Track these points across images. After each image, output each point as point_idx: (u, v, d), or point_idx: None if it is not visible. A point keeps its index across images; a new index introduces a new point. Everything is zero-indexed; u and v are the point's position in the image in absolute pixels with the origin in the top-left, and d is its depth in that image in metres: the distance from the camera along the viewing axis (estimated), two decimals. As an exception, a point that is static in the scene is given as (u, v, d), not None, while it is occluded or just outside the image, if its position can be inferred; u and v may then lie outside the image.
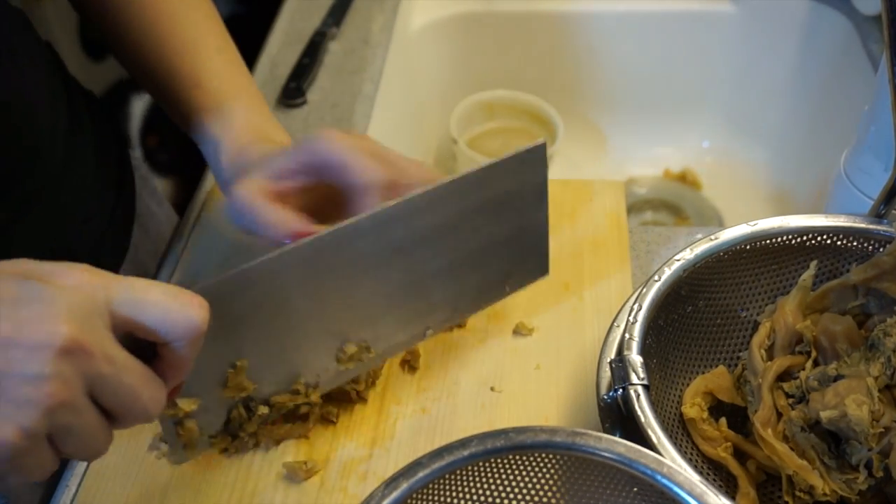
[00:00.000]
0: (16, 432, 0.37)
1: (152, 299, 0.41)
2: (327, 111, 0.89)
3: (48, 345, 0.37)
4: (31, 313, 0.37)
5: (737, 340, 0.59)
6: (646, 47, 1.15)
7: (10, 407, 0.37)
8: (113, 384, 0.40)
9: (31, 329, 0.37)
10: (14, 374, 0.37)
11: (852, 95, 0.96)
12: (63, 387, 0.38)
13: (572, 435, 0.45)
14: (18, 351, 0.37)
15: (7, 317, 0.37)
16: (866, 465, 0.50)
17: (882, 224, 0.57)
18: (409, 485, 0.43)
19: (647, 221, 1.14)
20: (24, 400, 0.37)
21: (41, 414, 0.37)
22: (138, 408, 0.41)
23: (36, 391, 0.37)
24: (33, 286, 0.38)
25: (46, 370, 0.37)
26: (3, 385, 0.37)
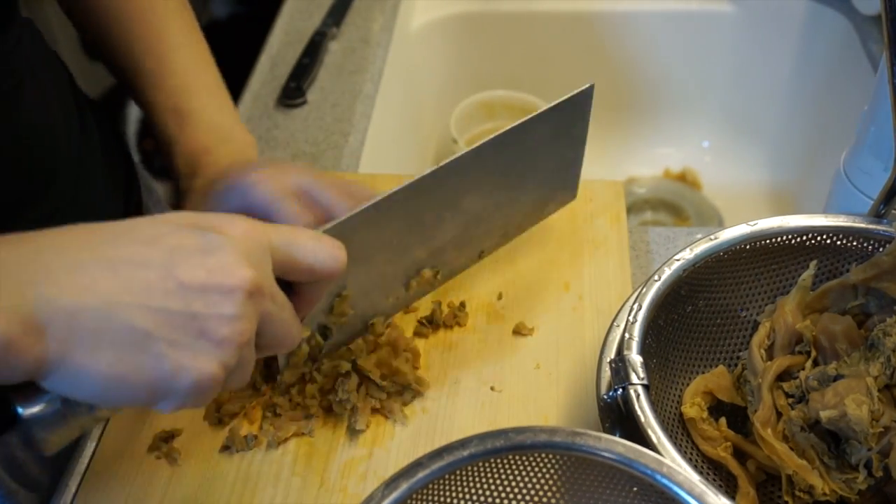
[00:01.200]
0: (219, 368, 0.41)
1: (302, 242, 0.45)
2: (327, 111, 0.89)
3: (239, 288, 0.41)
4: (219, 260, 0.41)
5: (737, 340, 0.59)
6: (646, 47, 1.15)
7: (212, 346, 0.40)
8: (275, 321, 0.44)
9: (222, 274, 0.40)
10: (214, 314, 0.40)
11: (852, 95, 0.96)
12: (250, 325, 0.42)
13: (572, 435, 0.45)
14: (214, 295, 0.40)
15: (198, 264, 0.40)
16: (866, 465, 0.50)
17: (882, 224, 0.57)
18: (408, 485, 0.43)
19: (647, 221, 1.14)
20: (224, 339, 0.40)
21: (236, 350, 0.41)
22: (288, 340, 0.46)
23: (232, 330, 0.40)
24: (213, 236, 0.41)
25: (240, 311, 0.41)
26: (205, 326, 0.40)
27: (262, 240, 0.43)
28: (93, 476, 0.58)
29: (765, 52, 1.11)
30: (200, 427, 0.60)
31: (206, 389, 0.40)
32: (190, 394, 0.40)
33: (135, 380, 0.39)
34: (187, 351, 0.40)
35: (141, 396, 0.40)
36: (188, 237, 0.41)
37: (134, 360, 0.39)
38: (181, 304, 0.40)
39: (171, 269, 0.40)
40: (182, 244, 0.41)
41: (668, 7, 1.12)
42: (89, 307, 0.38)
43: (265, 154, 0.84)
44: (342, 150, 0.84)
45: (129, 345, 0.39)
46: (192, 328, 0.40)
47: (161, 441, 0.59)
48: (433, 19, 1.13)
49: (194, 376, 0.40)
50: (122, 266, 0.39)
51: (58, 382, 0.38)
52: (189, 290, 0.40)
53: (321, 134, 0.87)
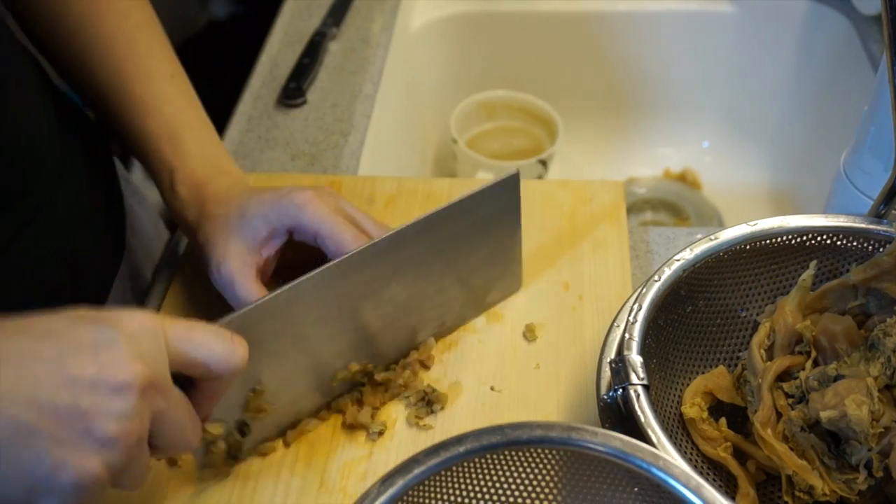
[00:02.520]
0: (102, 467, 0.39)
1: (199, 338, 0.45)
2: (327, 111, 0.89)
3: (129, 385, 0.40)
4: (112, 356, 0.40)
5: (737, 340, 0.59)
6: (646, 47, 1.15)
7: (97, 445, 0.39)
8: (169, 419, 0.43)
9: (113, 369, 0.40)
10: (101, 412, 0.39)
11: (852, 95, 0.96)
12: (140, 424, 0.41)
13: (568, 430, 0.45)
14: (103, 391, 0.39)
15: (90, 360, 0.40)
16: (866, 465, 0.50)
17: (882, 224, 0.57)
18: (404, 482, 0.43)
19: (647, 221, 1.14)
20: (110, 438, 0.39)
21: (123, 450, 0.40)
22: (184, 440, 0.45)
23: (120, 428, 0.40)
24: (107, 330, 0.41)
25: (129, 409, 0.40)
26: (91, 425, 0.39)
27: (157, 334, 0.43)
28: (92, 476, 0.58)
29: (765, 52, 1.11)
30: (200, 427, 0.60)
31: (87, 489, 0.39)
32: (70, 492, 0.39)
33: (13, 474, 0.38)
34: (70, 448, 0.39)
35: (18, 493, 0.39)
36: (82, 332, 0.41)
37: (14, 455, 0.38)
38: (68, 399, 0.39)
39: (62, 364, 0.39)
40: (75, 339, 0.40)
41: (668, 7, 1.12)
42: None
43: (265, 153, 0.84)
44: (342, 150, 0.84)
45: (11, 439, 0.38)
46: (77, 425, 0.39)
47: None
48: (433, 19, 1.13)
49: (75, 475, 0.39)
50: (12, 360, 0.39)
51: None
52: (78, 385, 0.39)
53: (321, 134, 0.87)
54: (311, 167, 0.82)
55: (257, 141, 0.86)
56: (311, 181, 0.78)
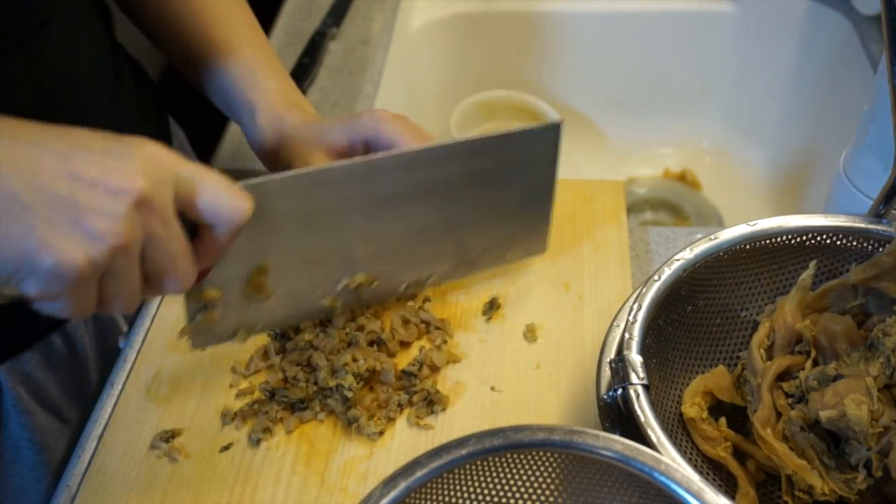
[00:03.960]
0: (84, 258, 0.41)
1: (209, 183, 0.46)
2: (327, 111, 0.89)
3: (127, 192, 0.42)
4: (117, 164, 0.42)
5: (736, 340, 0.59)
6: (646, 47, 1.15)
7: (85, 236, 0.41)
8: (162, 246, 0.45)
9: (115, 176, 0.42)
10: (95, 207, 0.41)
11: (852, 95, 0.96)
12: (130, 231, 0.42)
13: (570, 433, 0.45)
14: (101, 191, 0.42)
15: (96, 162, 0.42)
16: (865, 465, 0.50)
17: (881, 224, 0.57)
18: (407, 484, 0.43)
19: (647, 221, 1.14)
20: (98, 233, 0.41)
21: (108, 249, 0.42)
22: (173, 275, 0.46)
23: (108, 227, 0.42)
24: (121, 145, 0.43)
25: (121, 212, 0.42)
26: (83, 216, 0.41)
27: (168, 164, 0.44)
28: (93, 476, 0.58)
29: (765, 52, 1.11)
30: (201, 427, 0.60)
31: (67, 276, 0.41)
32: (50, 275, 0.41)
33: (4, 246, 0.40)
34: (57, 233, 0.41)
35: (7, 264, 0.41)
36: (98, 141, 0.43)
37: (4, 227, 0.40)
38: (66, 189, 0.41)
39: (69, 159, 0.42)
40: (89, 144, 0.43)
41: (668, 7, 1.12)
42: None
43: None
44: (342, 150, 0.84)
45: (4, 212, 0.40)
46: (69, 214, 0.41)
47: (161, 440, 0.59)
48: (433, 19, 1.13)
49: (57, 257, 0.41)
50: (24, 145, 0.42)
51: None
52: (79, 180, 0.41)
53: (321, 134, 0.86)
54: (312, 167, 0.82)
55: (257, 141, 0.86)
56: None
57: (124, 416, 0.61)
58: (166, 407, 0.62)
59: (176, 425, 0.60)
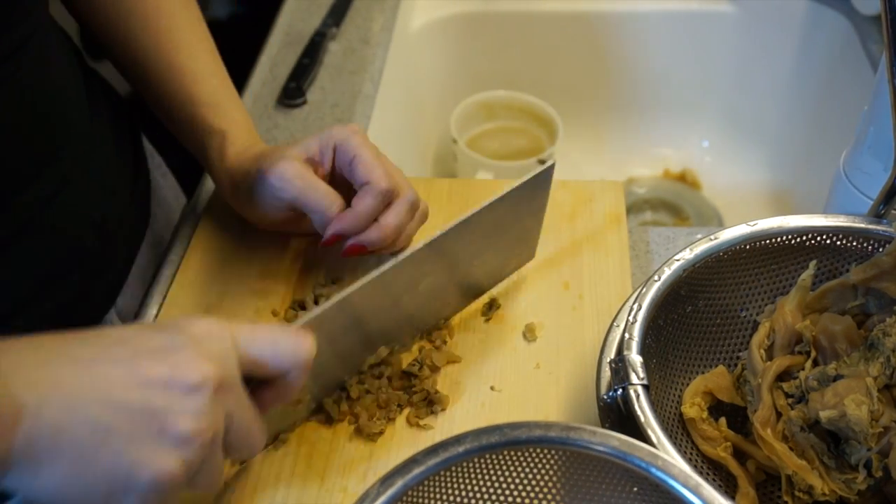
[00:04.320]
0: (179, 466, 0.40)
1: (267, 337, 0.45)
2: (327, 111, 0.89)
3: (201, 384, 0.41)
4: (183, 357, 0.41)
5: (736, 340, 0.59)
6: (646, 47, 1.15)
7: (174, 443, 0.40)
8: (238, 421, 0.43)
9: (184, 370, 0.40)
10: (175, 410, 0.40)
11: (852, 95, 0.96)
12: (214, 422, 0.41)
13: (567, 429, 0.45)
14: (177, 391, 0.40)
15: (163, 361, 0.41)
16: (865, 465, 0.50)
17: (881, 224, 0.57)
18: (404, 482, 0.43)
19: (647, 221, 1.14)
20: (185, 435, 0.40)
21: (200, 447, 0.40)
22: (251, 442, 0.45)
23: (194, 426, 0.40)
24: (175, 336, 0.42)
25: (202, 407, 0.40)
26: (167, 421, 0.40)
27: (224, 336, 0.44)
28: (93, 476, 0.58)
29: (765, 52, 1.11)
30: (200, 427, 0.60)
31: (165, 487, 0.40)
32: (149, 491, 0.39)
33: (92, 476, 0.39)
34: (147, 448, 0.39)
35: (98, 493, 0.39)
36: (152, 337, 0.42)
37: (93, 455, 0.38)
38: (142, 399, 0.40)
39: (135, 366, 0.40)
40: (147, 344, 0.41)
41: (668, 7, 1.12)
42: (53, 402, 0.38)
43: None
44: (342, 150, 0.84)
45: (89, 441, 0.38)
46: (153, 424, 0.39)
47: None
48: (433, 19, 1.13)
49: (153, 473, 0.39)
50: (86, 364, 0.40)
51: (18, 478, 0.38)
52: (152, 385, 0.40)
53: (321, 134, 0.87)
54: (312, 167, 0.82)
55: (257, 141, 0.86)
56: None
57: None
58: (166, 407, 0.62)
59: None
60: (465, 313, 0.66)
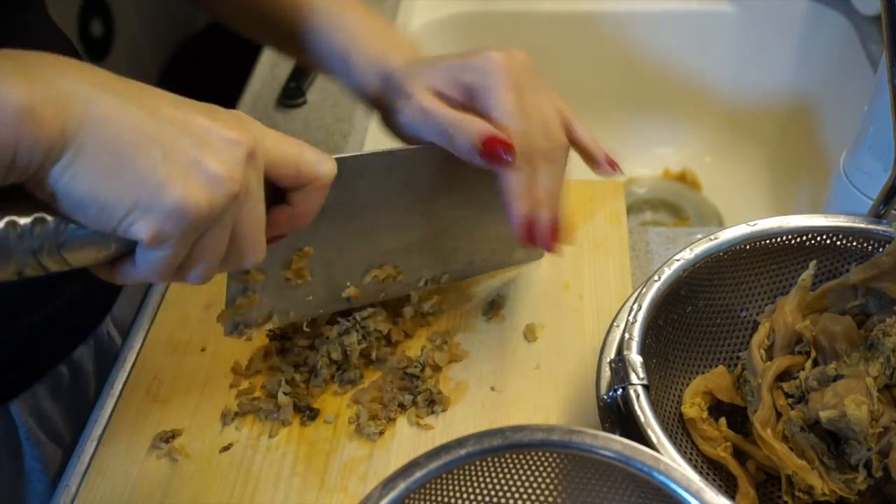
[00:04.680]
0: (206, 200, 0.40)
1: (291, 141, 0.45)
2: (327, 111, 0.89)
3: (239, 141, 0.41)
4: (225, 117, 0.42)
5: (736, 340, 0.59)
6: (646, 47, 1.15)
7: (207, 178, 0.40)
8: (251, 208, 0.43)
9: (225, 126, 0.41)
10: (214, 148, 0.40)
11: (852, 95, 0.96)
12: (243, 180, 0.41)
13: (569, 433, 0.45)
14: (216, 137, 0.41)
15: (207, 115, 0.41)
16: (865, 465, 0.50)
17: (881, 224, 0.57)
18: (406, 485, 0.43)
19: (647, 221, 1.14)
20: (218, 176, 0.40)
21: (225, 195, 0.40)
22: (254, 243, 0.44)
23: (228, 173, 0.40)
24: (214, 105, 0.43)
25: (238, 158, 0.41)
26: (204, 155, 0.40)
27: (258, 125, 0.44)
28: (93, 476, 0.58)
29: (765, 52, 1.11)
30: (201, 427, 0.60)
31: (187, 216, 0.39)
32: (170, 213, 0.39)
33: (126, 179, 0.39)
34: (181, 170, 0.39)
35: (126, 198, 0.39)
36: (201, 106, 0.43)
37: (132, 157, 0.39)
38: (186, 129, 0.40)
39: (180, 104, 0.41)
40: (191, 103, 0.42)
41: (668, 7, 1.12)
42: (108, 100, 0.39)
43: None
44: (342, 150, 0.84)
45: (133, 141, 0.39)
46: (190, 152, 0.40)
47: (161, 441, 0.59)
48: (433, 19, 1.13)
49: (180, 194, 0.39)
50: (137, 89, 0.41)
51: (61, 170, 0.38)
52: (196, 125, 0.41)
53: (321, 134, 0.87)
54: (312, 167, 0.82)
55: (257, 141, 0.86)
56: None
57: (124, 416, 0.61)
58: (166, 407, 0.62)
59: (176, 425, 0.60)
60: (465, 313, 0.66)
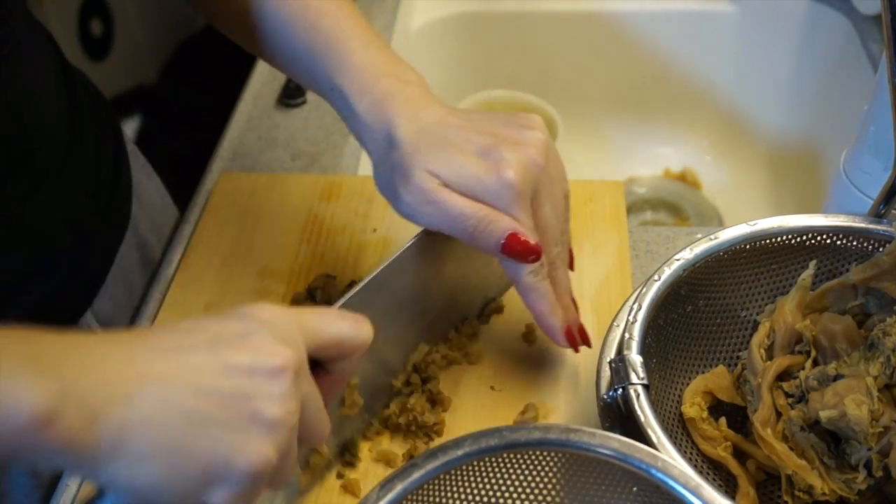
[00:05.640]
0: (274, 450, 0.39)
1: (329, 319, 0.44)
2: (327, 111, 0.89)
3: (283, 368, 0.40)
4: (260, 341, 0.40)
5: (737, 340, 0.59)
6: (646, 47, 1.15)
7: (266, 427, 0.39)
8: (313, 405, 0.43)
9: (266, 355, 0.40)
10: (264, 394, 0.39)
11: (852, 95, 0.96)
12: (297, 406, 0.40)
13: (566, 432, 0.45)
14: (261, 375, 0.39)
15: (241, 347, 0.40)
16: (865, 465, 0.50)
17: (882, 224, 0.57)
18: (403, 486, 0.43)
19: (647, 221, 1.14)
20: (276, 419, 0.39)
21: (290, 432, 0.40)
22: (321, 429, 0.44)
23: (283, 410, 0.39)
24: (248, 322, 0.41)
25: (287, 390, 0.40)
26: (258, 407, 0.39)
27: (291, 319, 0.43)
28: (93, 476, 0.58)
29: (765, 52, 1.11)
30: (200, 427, 0.60)
31: (260, 474, 0.39)
32: (245, 478, 0.38)
33: (191, 467, 0.38)
34: (241, 434, 0.38)
35: (195, 483, 0.38)
36: (225, 324, 0.41)
37: (190, 445, 0.38)
38: (231, 385, 0.39)
39: (217, 353, 0.39)
40: (222, 331, 0.41)
41: (668, 7, 1.12)
42: (144, 392, 0.37)
43: (265, 153, 0.84)
44: (342, 150, 0.84)
45: (184, 428, 0.38)
46: (244, 410, 0.39)
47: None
48: (433, 19, 1.13)
49: (252, 458, 0.38)
50: (170, 353, 0.39)
51: (114, 473, 0.37)
52: (237, 371, 0.39)
53: (321, 134, 0.87)
54: (311, 167, 0.82)
55: (257, 141, 0.86)
56: (312, 181, 0.78)
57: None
58: (166, 407, 0.62)
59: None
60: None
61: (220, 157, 0.84)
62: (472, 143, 0.54)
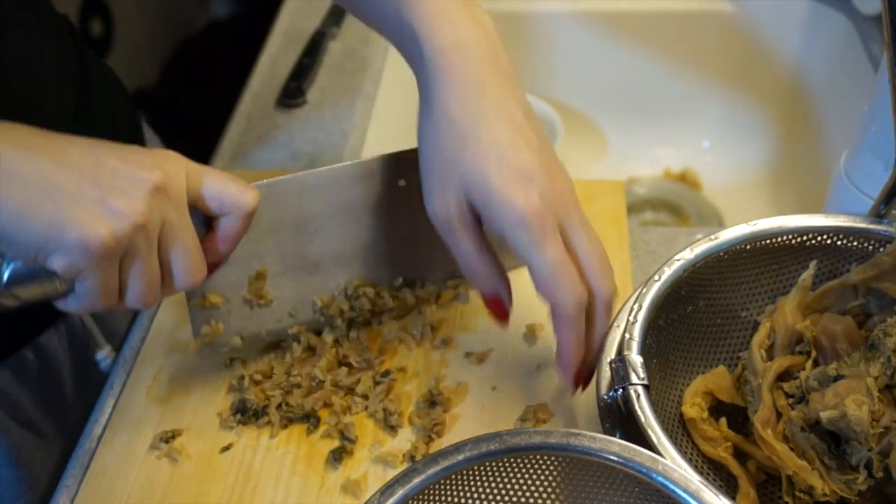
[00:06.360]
0: (108, 232, 0.45)
1: (216, 175, 0.51)
2: (327, 111, 0.89)
3: (146, 178, 0.46)
4: (136, 157, 0.47)
5: (737, 340, 0.59)
6: (646, 47, 1.15)
7: (108, 213, 0.45)
8: (176, 234, 0.48)
9: (135, 165, 0.47)
10: (118, 188, 0.45)
11: (852, 95, 0.96)
12: (149, 212, 0.46)
13: (567, 436, 0.45)
14: (123, 176, 0.46)
15: (118, 155, 0.47)
16: (866, 466, 0.50)
17: (882, 224, 0.57)
18: (404, 491, 0.43)
19: (647, 221, 1.14)
20: (120, 211, 0.45)
21: (129, 226, 0.45)
22: (187, 266, 0.49)
23: (130, 206, 0.45)
24: (135, 148, 0.49)
25: (141, 194, 0.46)
26: (107, 195, 0.45)
27: (179, 160, 0.49)
28: (93, 476, 0.58)
29: (765, 52, 1.11)
30: (202, 427, 0.60)
31: (92, 249, 0.44)
32: (77, 248, 0.44)
33: (34, 220, 0.44)
34: (83, 210, 0.44)
35: (35, 238, 0.44)
36: (116, 146, 0.48)
37: (38, 203, 0.44)
38: (92, 173, 0.45)
39: (95, 150, 0.46)
40: (109, 144, 0.48)
41: (669, 7, 1.12)
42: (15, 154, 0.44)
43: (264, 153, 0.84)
44: (342, 149, 0.84)
45: (37, 189, 0.44)
46: (94, 194, 0.45)
47: (162, 441, 0.59)
48: (433, 19, 1.12)
49: (83, 230, 0.44)
50: (54, 139, 0.46)
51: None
52: (103, 167, 0.46)
53: (321, 134, 0.87)
54: (311, 167, 0.82)
55: (257, 141, 0.86)
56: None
57: (124, 417, 0.61)
58: (166, 407, 0.62)
59: (176, 425, 0.60)
60: (465, 314, 0.66)
61: (220, 157, 0.84)
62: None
